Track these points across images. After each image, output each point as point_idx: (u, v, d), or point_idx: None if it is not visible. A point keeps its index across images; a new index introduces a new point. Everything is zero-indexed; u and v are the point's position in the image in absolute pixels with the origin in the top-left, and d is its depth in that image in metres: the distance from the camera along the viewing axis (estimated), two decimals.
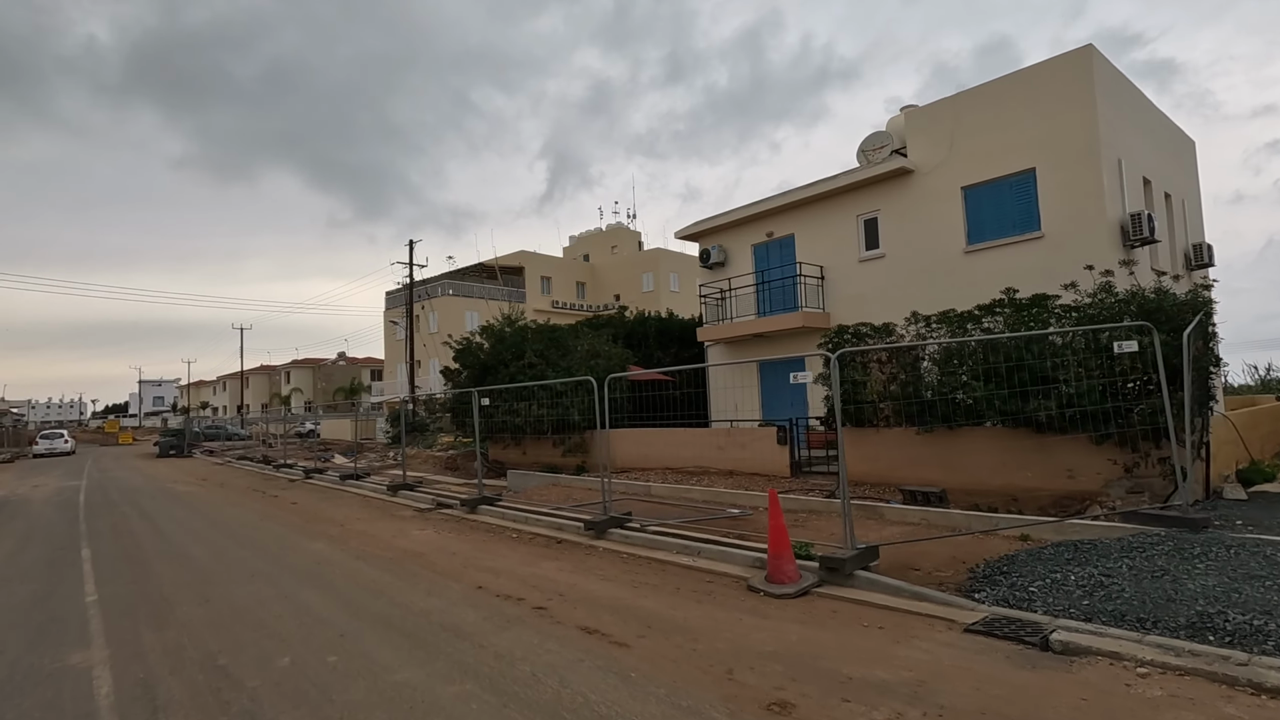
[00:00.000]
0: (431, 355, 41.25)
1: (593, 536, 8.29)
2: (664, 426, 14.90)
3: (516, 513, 10.15)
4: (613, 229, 56.80)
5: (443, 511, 11.22)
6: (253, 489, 16.05)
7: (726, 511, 9.55)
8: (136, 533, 9.96)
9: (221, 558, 7.88)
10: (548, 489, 13.72)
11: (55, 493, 16.85)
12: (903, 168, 13.74)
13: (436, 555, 7.69)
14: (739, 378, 16.83)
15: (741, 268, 17.03)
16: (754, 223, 16.86)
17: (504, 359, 18.47)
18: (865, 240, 14.66)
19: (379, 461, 24.30)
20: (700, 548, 7.13)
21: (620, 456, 15.80)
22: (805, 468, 12.45)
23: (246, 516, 11.41)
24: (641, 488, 12.25)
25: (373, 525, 10.09)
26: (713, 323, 17.22)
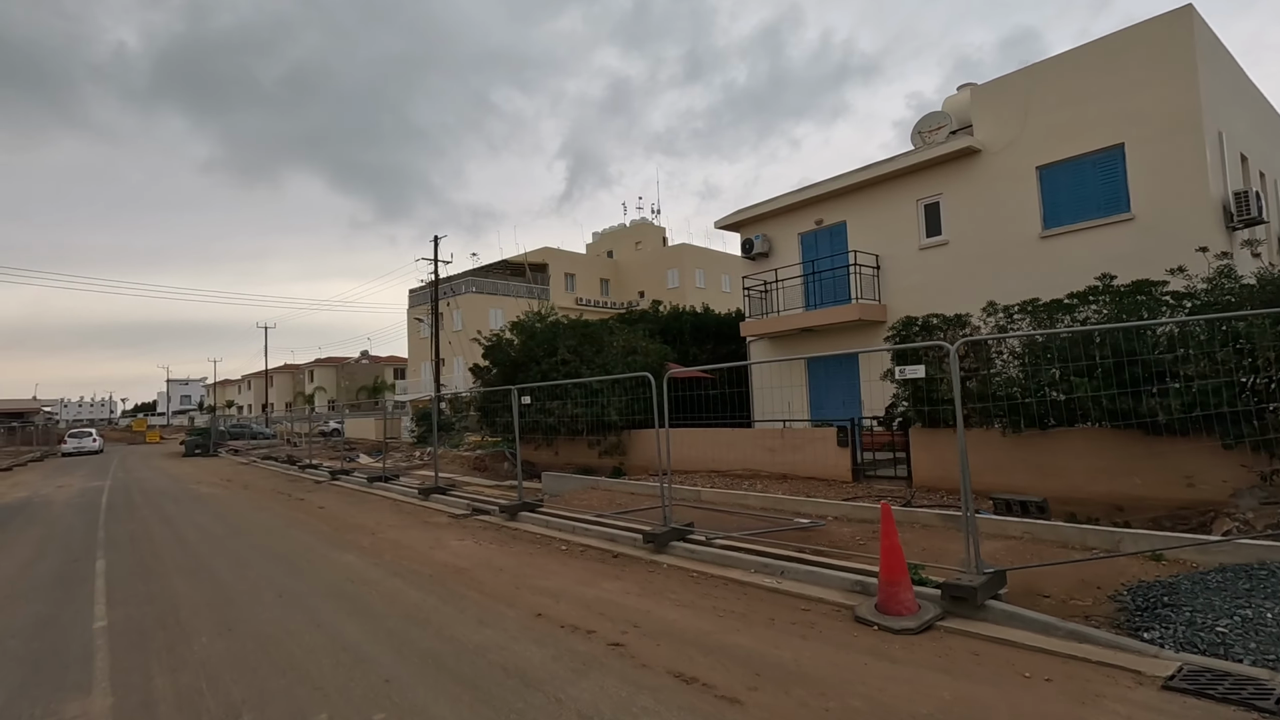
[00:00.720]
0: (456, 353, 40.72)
1: (653, 550, 7.44)
2: (707, 427, 14.02)
3: (562, 521, 9.33)
4: (636, 225, 55.93)
5: (480, 518, 10.44)
6: (278, 491, 15.44)
7: (795, 522, 8.64)
8: (156, 541, 9.30)
9: (245, 572, 7.14)
10: (587, 493, 12.90)
11: (78, 494, 16.38)
12: (969, 147, 12.72)
13: (482, 572, 6.88)
14: (784, 376, 15.89)
15: (787, 258, 16.09)
16: (801, 210, 15.90)
17: (535, 356, 17.71)
18: (926, 226, 13.65)
19: (405, 461, 23.70)
20: (783, 566, 6.24)
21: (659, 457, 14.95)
22: (867, 472, 11.50)
23: (272, 522, 10.72)
24: (690, 493, 11.38)
25: (406, 534, 9.33)
26: (756, 317, 16.29)
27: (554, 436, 17.51)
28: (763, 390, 16.29)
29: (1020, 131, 12.19)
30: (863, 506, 9.00)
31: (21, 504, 14.85)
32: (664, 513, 7.88)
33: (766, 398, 16.13)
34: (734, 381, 16.66)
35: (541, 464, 18.77)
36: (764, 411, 16.46)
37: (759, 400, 16.69)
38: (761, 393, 16.37)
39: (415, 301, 48.91)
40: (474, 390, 18.73)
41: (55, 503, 14.76)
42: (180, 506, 13.19)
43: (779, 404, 15.72)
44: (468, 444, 27.69)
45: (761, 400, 16.53)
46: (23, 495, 16.78)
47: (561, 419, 16.39)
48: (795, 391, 15.65)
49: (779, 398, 15.77)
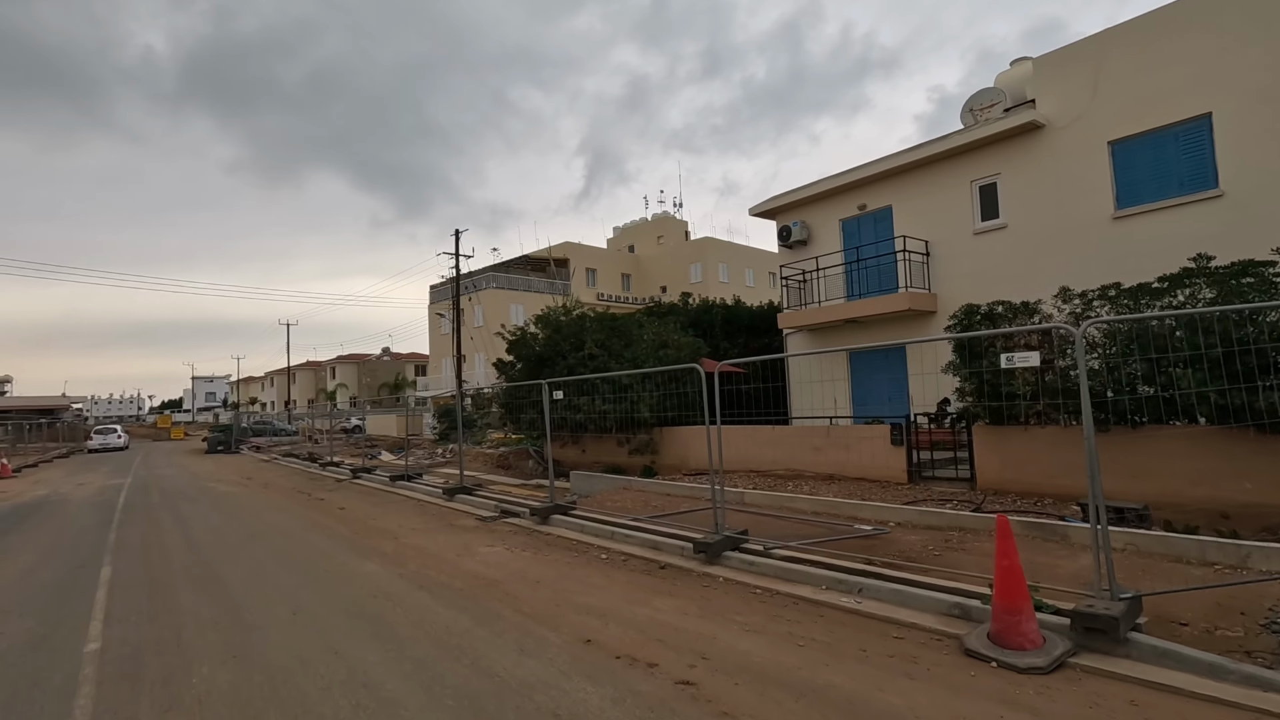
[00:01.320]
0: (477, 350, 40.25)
1: (704, 561, 6.69)
2: (743, 424, 13.24)
3: (597, 525, 8.61)
4: (658, 219, 55.12)
5: (509, 521, 9.77)
6: (298, 490, 14.92)
7: (856, 529, 7.84)
8: (168, 545, 8.74)
9: (258, 583, 6.52)
10: (619, 494, 12.19)
11: (97, 492, 16.02)
12: (1031, 122, 11.77)
13: (516, 584, 6.18)
14: (825, 369, 15.06)
15: (827, 245, 15.22)
16: (843, 194, 15.02)
17: (562, 350, 17.03)
18: (981, 209, 12.72)
19: (427, 459, 23.20)
20: (861, 583, 5.46)
21: (694, 457, 14.21)
22: (924, 472, 10.64)
23: (289, 525, 10.14)
24: (731, 495, 10.60)
25: (432, 539, 8.67)
26: (794, 308, 15.44)
27: (581, 434, 16.85)
28: (801, 385, 15.46)
29: (1090, 104, 11.23)
30: (929, 512, 8.17)
31: (39, 502, 14.50)
32: (716, 519, 7.12)
33: (805, 393, 15.30)
34: (770, 376, 15.85)
35: (568, 462, 18.10)
36: (802, 407, 15.63)
37: (797, 395, 15.87)
38: (799, 388, 15.54)
39: (436, 297, 48.58)
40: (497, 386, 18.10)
41: (73, 501, 14.37)
42: (197, 506, 12.70)
43: (818, 400, 14.89)
44: (491, 441, 27.14)
45: (799, 396, 15.71)
46: (42, 493, 16.47)
47: (590, 416, 15.69)
48: (836, 386, 14.81)
49: (819, 393, 14.95)
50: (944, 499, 9.28)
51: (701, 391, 7.68)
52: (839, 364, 14.94)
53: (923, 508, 8.49)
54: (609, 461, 16.26)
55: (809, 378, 15.24)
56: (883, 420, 11.73)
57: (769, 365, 16.07)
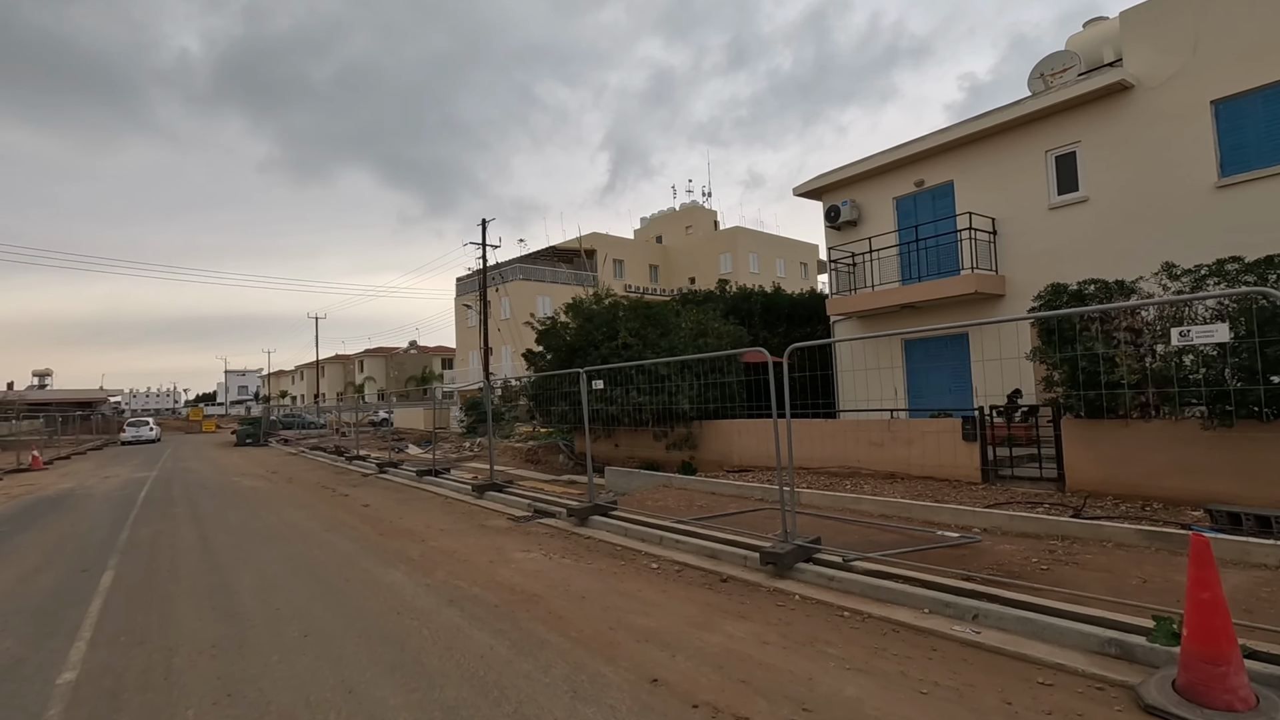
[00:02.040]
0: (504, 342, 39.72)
1: (773, 574, 5.80)
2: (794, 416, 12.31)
3: (642, 529, 7.76)
4: (687, 208, 54.04)
5: (544, 522, 8.98)
6: (322, 485, 14.35)
7: (939, 536, 6.89)
8: (180, 547, 8.11)
9: (269, 595, 5.79)
10: (659, 492, 11.35)
11: (120, 486, 15.65)
12: (1119, 83, 10.59)
13: (560, 600, 5.37)
14: (878, 358, 14.02)
15: (880, 225, 14.16)
16: (897, 170, 13.94)
17: (594, 339, 16.20)
18: (1058, 181, 11.57)
19: (455, 453, 22.63)
20: (976, 607, 4.53)
21: (737, 453, 13.31)
22: (1000, 471, 9.60)
23: (310, 524, 9.48)
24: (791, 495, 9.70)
25: (461, 541, 7.91)
26: (843, 293, 14.41)
27: (614, 427, 16.01)
28: (850, 375, 14.44)
29: (1189, 60, 10.03)
30: (1021, 517, 7.17)
31: (62, 496, 14.12)
32: (785, 524, 6.22)
33: (854, 384, 14.29)
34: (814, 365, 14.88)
35: (601, 457, 17.29)
36: (849, 399, 14.62)
37: (845, 387, 14.86)
38: (848, 378, 14.53)
39: (463, 290, 48.18)
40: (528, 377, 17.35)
41: (95, 496, 13.97)
42: (217, 502, 12.15)
43: (869, 391, 13.86)
44: (519, 435, 26.50)
45: (848, 387, 14.70)
46: (67, 486, 16.16)
47: (624, 408, 14.85)
48: (891, 375, 13.77)
49: (870, 384, 13.92)
50: (1031, 501, 8.26)
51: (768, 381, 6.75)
52: (893, 352, 13.90)
53: (1010, 511, 7.49)
54: (644, 457, 15.44)
55: (860, 367, 14.22)
56: (949, 413, 10.71)
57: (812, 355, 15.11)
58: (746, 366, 14.63)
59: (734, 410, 13.89)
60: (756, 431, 12.53)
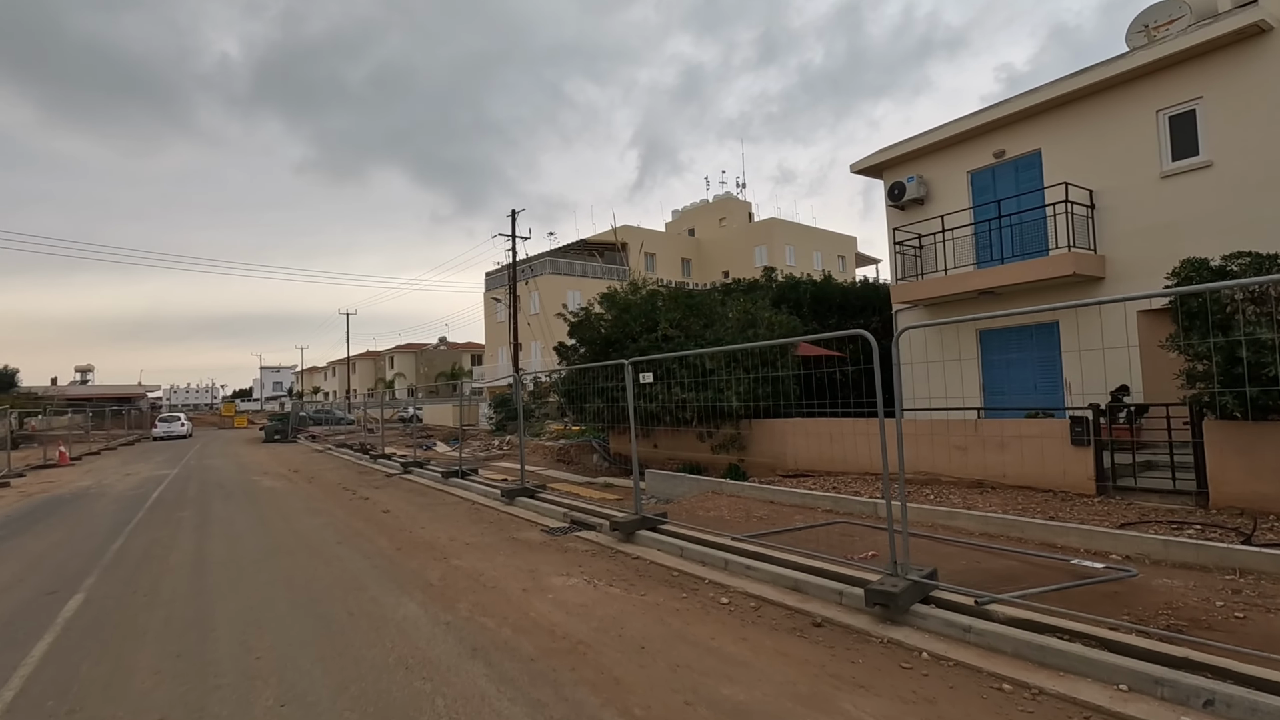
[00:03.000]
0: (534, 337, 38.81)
1: (882, 617, 4.54)
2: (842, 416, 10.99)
3: (700, 548, 6.54)
4: (720, 200, 52.54)
5: (583, 536, 7.81)
6: (342, 487, 13.41)
7: (1080, 568, 5.53)
8: (171, 562, 7.12)
9: (253, 635, 4.71)
10: (709, 500, 10.14)
11: (137, 485, 14.94)
12: (1255, 25, 9.02)
13: (613, 652, 4.18)
14: (942, 350, 12.57)
15: (951, 203, 12.70)
16: (972, 141, 12.46)
17: (631, 332, 15.00)
18: (1172, 145, 10.02)
19: (483, 451, 21.66)
20: (1206, 690, 3.22)
21: (792, 455, 11.99)
22: (1115, 481, 8.14)
23: (322, 535, 8.45)
24: (860, 506, 8.40)
25: (489, 560, 6.78)
26: (909, 278, 12.98)
27: (654, 426, 14.79)
28: (915, 369, 13.00)
29: None
30: (1176, 543, 5.78)
31: (76, 495, 13.41)
32: (894, 551, 4.93)
33: (920, 379, 12.84)
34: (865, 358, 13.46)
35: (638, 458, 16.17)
36: (913, 397, 13.20)
37: (909, 382, 13.43)
38: (913, 372, 13.09)
39: (491, 285, 47.46)
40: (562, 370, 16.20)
41: (107, 495, 13.22)
42: (229, 505, 11.26)
43: (932, 388, 12.41)
44: (549, 433, 25.48)
45: (913, 383, 13.27)
46: (85, 484, 15.53)
47: (666, 405, 13.62)
48: (964, 369, 12.32)
49: (934, 379, 12.47)
50: (1172, 521, 6.83)
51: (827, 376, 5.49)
52: (965, 343, 12.44)
53: (1159, 535, 6.10)
54: (686, 458, 14.21)
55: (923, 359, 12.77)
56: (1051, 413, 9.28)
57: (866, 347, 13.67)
58: (802, 361, 13.32)
59: (788, 408, 12.61)
60: (815, 432, 11.23)
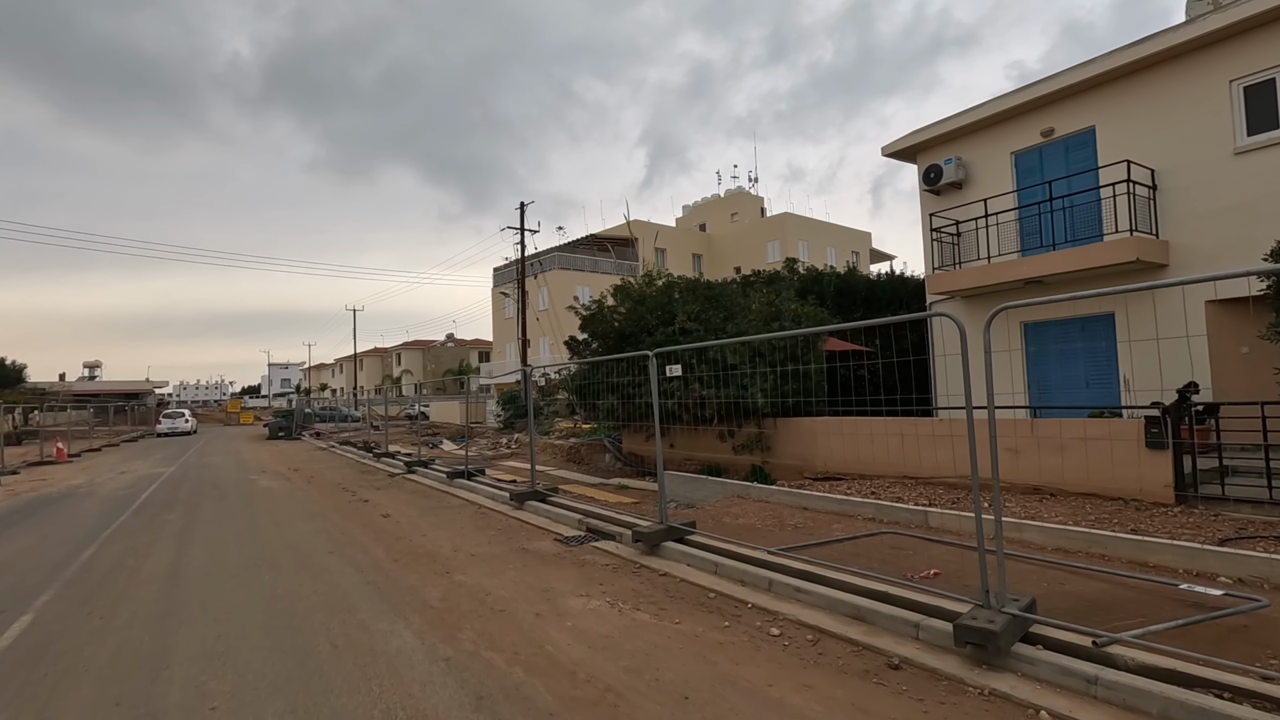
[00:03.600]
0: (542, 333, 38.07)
1: (977, 660, 3.72)
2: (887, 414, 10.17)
3: (737, 564, 5.73)
4: (732, 195, 51.64)
5: (601, 547, 7.01)
6: (342, 488, 12.67)
7: (1202, 598, 4.68)
8: (140, 577, 6.37)
9: (211, 677, 3.94)
10: (735, 505, 9.36)
11: (129, 484, 14.26)
12: None
13: (652, 705, 3.39)
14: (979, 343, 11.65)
15: (993, 185, 11.82)
16: (1017, 119, 11.58)
17: (647, 325, 14.21)
18: (1248, 119, 9.12)
19: (490, 449, 20.95)
20: None
21: (823, 456, 11.17)
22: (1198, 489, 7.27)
23: (314, 542, 7.70)
24: (909, 514, 7.57)
25: (497, 575, 6.00)
26: (946, 267, 12.12)
27: (671, 425, 13.99)
28: (952, 363, 12.15)
29: None
30: None
31: (63, 495, 12.74)
32: (984, 578, 4.10)
33: (954, 374, 11.99)
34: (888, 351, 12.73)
35: (652, 457, 15.37)
36: (950, 394, 12.35)
37: (944, 379, 12.59)
38: (949, 365, 12.25)
39: (499, 280, 46.76)
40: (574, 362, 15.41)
41: (95, 496, 12.54)
42: (220, 507, 10.54)
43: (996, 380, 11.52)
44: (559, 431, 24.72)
45: (947, 378, 12.43)
46: (76, 483, 14.87)
47: (684, 402, 12.82)
48: (1007, 362, 11.45)
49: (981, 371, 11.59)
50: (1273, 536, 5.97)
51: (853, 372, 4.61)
52: (1009, 335, 11.58)
53: (1268, 554, 5.25)
54: (705, 459, 13.41)
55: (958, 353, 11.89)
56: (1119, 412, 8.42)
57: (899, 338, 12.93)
58: (828, 355, 12.49)
59: (817, 406, 11.80)
60: (849, 432, 10.40)
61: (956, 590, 4.51)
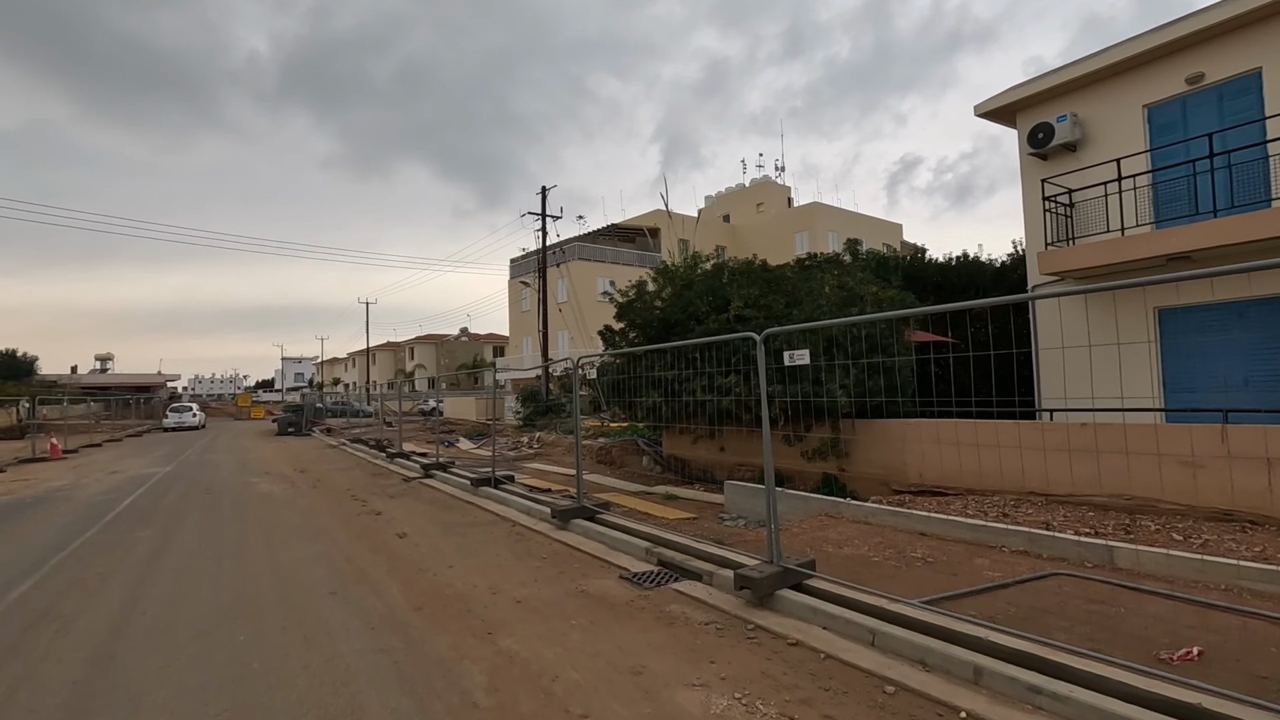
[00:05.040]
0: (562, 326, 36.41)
1: None
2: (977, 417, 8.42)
3: (895, 630, 4.00)
4: (757, 184, 49.73)
5: (685, 591, 5.29)
6: (352, 494, 11.05)
7: None
8: (69, 639, 4.74)
9: None
10: (827, 526, 7.67)
11: (113, 487, 12.73)
12: None
13: None
14: (1101, 334, 9.88)
15: (1118, 145, 9.96)
16: (1153, 65, 9.73)
17: (696, 312, 12.49)
18: None
19: (511, 449, 19.32)
20: None
21: (916, 465, 9.40)
22: None
23: (312, 574, 6.05)
24: (1075, 549, 5.79)
25: (560, 642, 4.30)
26: (1060, 243, 10.29)
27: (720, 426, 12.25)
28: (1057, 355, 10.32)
29: None
30: None
31: (35, 501, 11.23)
32: None
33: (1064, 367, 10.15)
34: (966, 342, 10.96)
35: (697, 463, 13.64)
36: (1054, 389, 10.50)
37: (1049, 372, 10.78)
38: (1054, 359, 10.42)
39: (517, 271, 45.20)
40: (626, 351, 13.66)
41: (72, 501, 11.01)
42: (208, 520, 8.94)
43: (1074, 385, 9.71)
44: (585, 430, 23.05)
45: (1053, 372, 10.60)
46: (58, 485, 13.38)
47: (742, 400, 11.10)
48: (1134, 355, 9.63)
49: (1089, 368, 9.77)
50: None
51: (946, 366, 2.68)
52: (1134, 325, 9.74)
53: None
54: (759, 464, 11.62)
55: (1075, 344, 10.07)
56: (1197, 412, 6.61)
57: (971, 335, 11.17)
58: (917, 348, 10.71)
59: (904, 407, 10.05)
60: (947, 438, 8.64)
61: (1251, 683, 2.78)
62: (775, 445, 11.14)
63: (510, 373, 40.58)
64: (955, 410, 9.23)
